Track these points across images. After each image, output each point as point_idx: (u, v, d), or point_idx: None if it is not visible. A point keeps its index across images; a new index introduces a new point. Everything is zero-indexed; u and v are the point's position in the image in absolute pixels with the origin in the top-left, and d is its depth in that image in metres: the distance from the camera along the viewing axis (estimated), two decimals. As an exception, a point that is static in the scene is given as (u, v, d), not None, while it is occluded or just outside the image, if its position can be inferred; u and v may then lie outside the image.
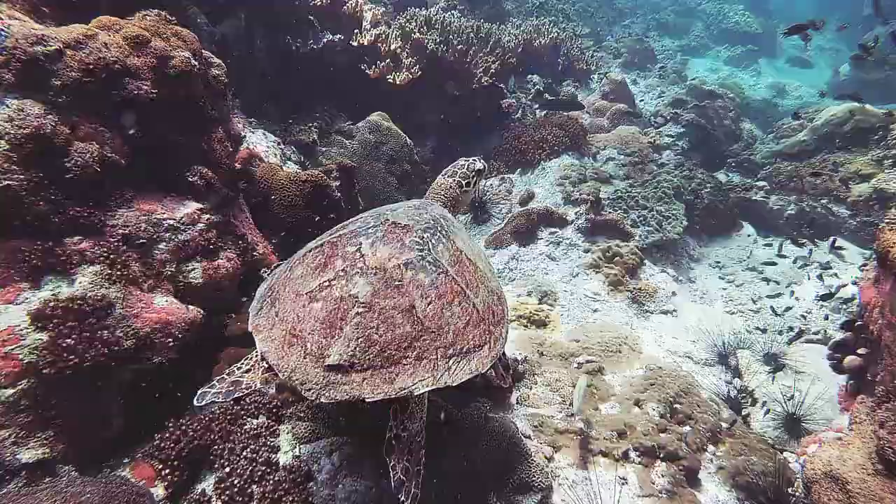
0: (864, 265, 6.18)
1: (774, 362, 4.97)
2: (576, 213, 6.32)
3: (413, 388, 2.04)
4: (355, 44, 6.93)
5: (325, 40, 6.41)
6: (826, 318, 5.72)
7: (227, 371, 2.36)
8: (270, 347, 2.17)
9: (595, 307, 5.44)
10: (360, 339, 2.07)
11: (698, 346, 5.27)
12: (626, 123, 9.13)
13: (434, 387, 2.08)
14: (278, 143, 5.15)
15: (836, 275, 6.38)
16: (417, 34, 7.40)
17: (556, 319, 5.07)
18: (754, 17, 20.77)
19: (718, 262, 7.14)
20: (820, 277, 6.19)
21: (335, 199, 4.26)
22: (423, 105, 7.89)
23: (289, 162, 5.19)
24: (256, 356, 2.32)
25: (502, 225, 6.49)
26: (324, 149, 6.19)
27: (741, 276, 6.83)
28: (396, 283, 2.21)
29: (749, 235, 7.76)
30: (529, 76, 10.27)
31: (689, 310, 5.89)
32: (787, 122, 8.51)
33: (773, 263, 6.73)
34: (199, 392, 2.24)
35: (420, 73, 7.27)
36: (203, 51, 3.36)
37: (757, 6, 23.46)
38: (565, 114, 8.40)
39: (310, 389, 2.01)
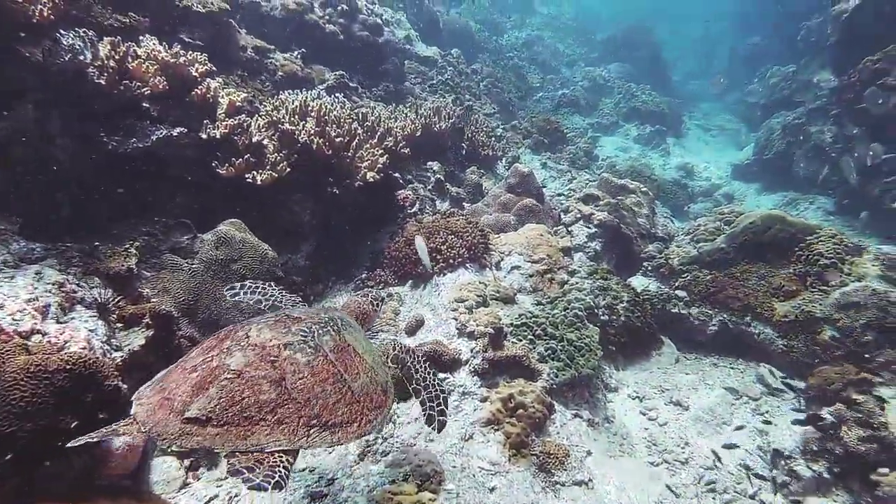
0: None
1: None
2: (471, 351, 5.38)
3: (265, 445, 2.17)
4: (204, 136, 5.84)
5: (157, 135, 5.28)
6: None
7: (105, 426, 2.40)
8: (142, 409, 2.30)
9: (493, 484, 4.40)
10: (222, 399, 2.24)
11: (620, 532, 4.34)
12: (534, 221, 8.50)
13: (288, 447, 2.21)
14: (59, 286, 3.87)
15: (768, 416, 5.78)
16: (287, 124, 6.44)
17: (440, 516, 3.99)
18: (661, 97, 21.71)
19: (638, 393, 6.39)
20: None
21: (110, 390, 3.04)
22: (297, 204, 6.85)
23: (77, 309, 3.92)
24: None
25: (380, 368, 5.42)
26: (149, 275, 4.95)
27: (664, 412, 6.09)
28: (271, 357, 2.45)
29: (669, 354, 7.15)
30: (429, 163, 9.55)
31: (608, 472, 4.98)
32: (703, 224, 8.16)
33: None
34: (75, 440, 2.28)
35: (289, 170, 6.26)
36: None
37: (659, 85, 24.79)
38: (464, 214, 7.65)
39: (165, 439, 2.16)
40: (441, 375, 5.16)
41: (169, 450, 2.28)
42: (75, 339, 3.62)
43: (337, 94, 8.24)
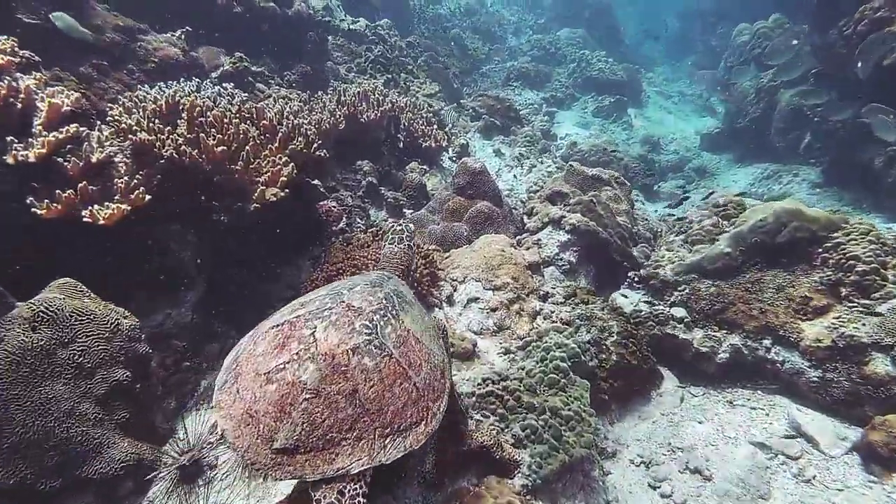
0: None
1: None
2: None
3: (350, 467, 2.36)
4: (11, 161, 4.13)
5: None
6: None
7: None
8: (229, 426, 2.49)
9: None
10: (305, 424, 2.39)
11: None
12: (491, 230, 7.06)
13: (371, 465, 2.40)
14: None
15: (818, 482, 4.53)
16: (145, 133, 4.75)
17: None
18: (618, 64, 20.50)
19: (643, 457, 5.08)
20: None
21: None
22: (173, 240, 5.21)
23: None
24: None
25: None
26: None
27: (680, 483, 4.79)
28: (343, 368, 2.55)
29: (672, 392, 5.88)
30: (358, 163, 7.97)
31: None
32: (699, 220, 6.88)
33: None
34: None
35: (149, 197, 4.61)
36: None
37: (613, 49, 23.65)
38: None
39: (259, 469, 2.35)
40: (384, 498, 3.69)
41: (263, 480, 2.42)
42: None
43: (225, 85, 6.53)
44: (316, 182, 6.99)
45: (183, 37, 7.84)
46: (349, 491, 2.36)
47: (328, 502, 2.30)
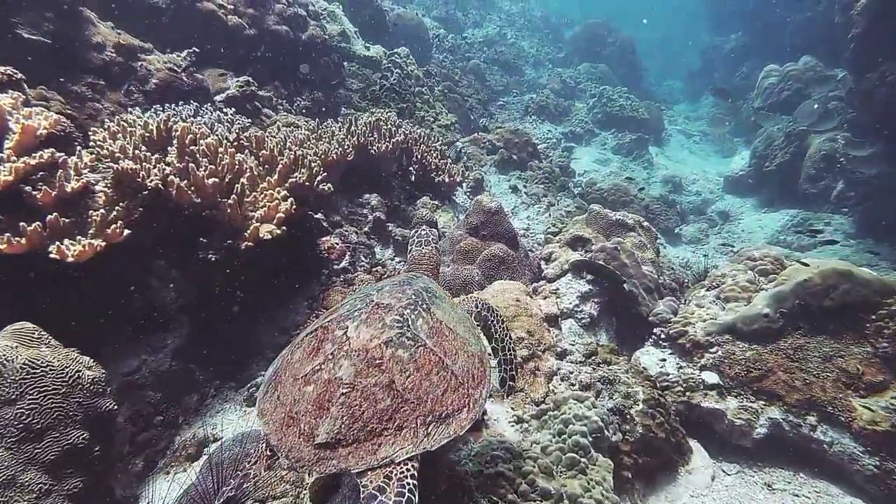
0: None
1: None
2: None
3: (395, 455, 2.32)
4: (-29, 188, 3.70)
5: None
6: None
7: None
8: (272, 430, 2.52)
9: None
10: (344, 417, 2.38)
11: None
12: (506, 275, 6.55)
13: (415, 452, 2.35)
14: None
15: None
16: (129, 161, 4.32)
17: None
18: (640, 101, 20.13)
19: (672, 550, 4.47)
20: None
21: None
22: (156, 278, 4.74)
23: None
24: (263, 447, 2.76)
25: None
26: None
27: (716, 587, 4.17)
28: (377, 361, 2.55)
29: (702, 469, 5.27)
30: (365, 196, 7.52)
31: None
32: (732, 275, 6.33)
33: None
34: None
35: (127, 233, 4.15)
36: None
37: (633, 86, 23.34)
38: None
39: (303, 466, 2.34)
40: None
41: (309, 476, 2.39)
42: None
43: (225, 110, 6.13)
44: (319, 216, 6.54)
45: (188, 58, 7.49)
46: (396, 474, 2.30)
47: (375, 486, 2.24)
